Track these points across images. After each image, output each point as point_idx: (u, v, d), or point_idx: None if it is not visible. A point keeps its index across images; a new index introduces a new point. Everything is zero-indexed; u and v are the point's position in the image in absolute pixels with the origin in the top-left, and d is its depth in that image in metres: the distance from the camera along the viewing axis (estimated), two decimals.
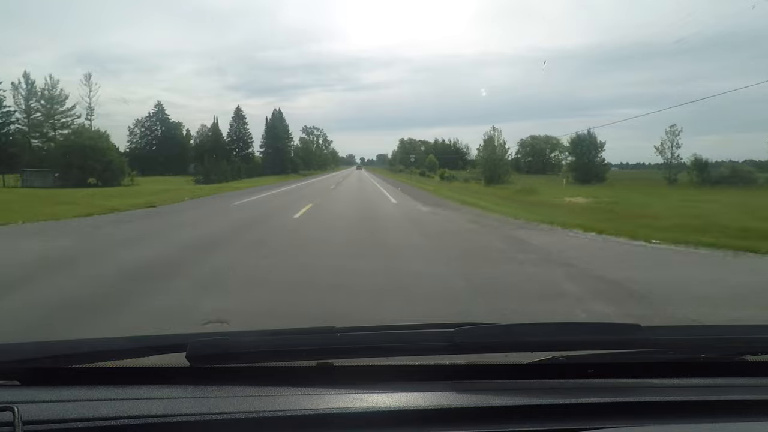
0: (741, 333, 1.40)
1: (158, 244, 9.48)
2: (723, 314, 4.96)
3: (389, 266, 7.36)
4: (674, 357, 1.31)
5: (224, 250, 8.59)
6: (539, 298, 5.65)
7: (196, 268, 6.95)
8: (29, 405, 0.97)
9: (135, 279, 6.26)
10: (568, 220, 13.31)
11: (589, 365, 1.26)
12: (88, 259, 7.74)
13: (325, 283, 6.15)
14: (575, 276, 6.60)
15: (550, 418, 1.06)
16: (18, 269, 6.90)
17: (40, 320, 4.53)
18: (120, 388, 1.08)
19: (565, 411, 1.07)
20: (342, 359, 1.22)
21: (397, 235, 11.17)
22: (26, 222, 12.78)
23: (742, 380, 1.28)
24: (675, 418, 1.07)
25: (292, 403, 1.05)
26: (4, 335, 4.02)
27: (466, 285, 6.15)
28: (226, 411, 0.99)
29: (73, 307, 5.00)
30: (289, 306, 5.17)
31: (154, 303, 5.13)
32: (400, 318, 4.62)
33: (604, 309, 5.04)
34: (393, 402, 1.05)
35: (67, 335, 1.73)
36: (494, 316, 4.31)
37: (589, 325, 1.30)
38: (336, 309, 5.02)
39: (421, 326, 1.27)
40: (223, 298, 5.37)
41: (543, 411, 1.07)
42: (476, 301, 5.46)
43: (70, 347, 1.19)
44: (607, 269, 7.08)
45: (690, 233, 10.48)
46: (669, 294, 5.74)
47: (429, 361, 1.24)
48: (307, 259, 7.97)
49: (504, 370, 1.25)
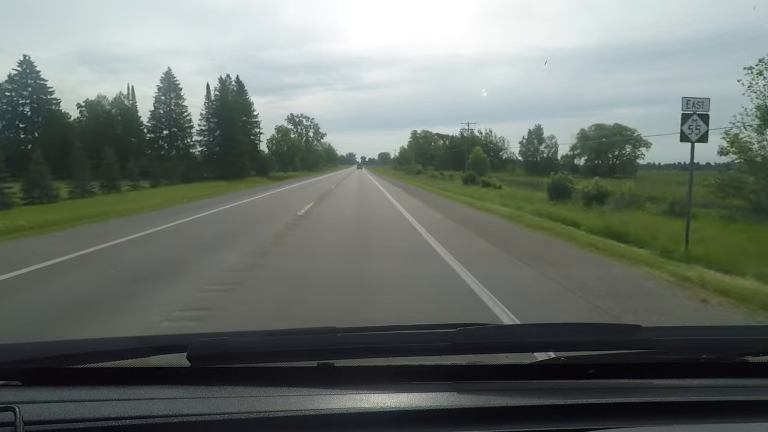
0: (742, 333, 1.42)
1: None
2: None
3: None
4: (675, 357, 1.31)
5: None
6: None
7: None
8: (30, 405, 0.97)
9: None
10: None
11: (590, 366, 1.26)
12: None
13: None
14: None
15: (551, 418, 1.06)
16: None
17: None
18: (121, 388, 1.08)
19: (566, 411, 1.07)
20: (343, 360, 1.21)
21: None
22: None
23: (743, 381, 1.28)
24: (676, 419, 1.07)
25: (293, 403, 1.04)
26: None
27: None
28: (227, 411, 0.99)
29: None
30: None
31: None
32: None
33: None
34: (394, 402, 1.05)
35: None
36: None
37: (590, 326, 1.30)
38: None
39: (422, 327, 1.27)
40: None
41: (544, 411, 1.07)
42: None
43: (71, 347, 1.19)
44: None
45: None
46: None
47: (430, 361, 1.24)
48: None
49: (505, 370, 1.25)
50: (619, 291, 6.26)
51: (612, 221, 12.31)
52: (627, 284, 6.75)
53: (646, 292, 6.32)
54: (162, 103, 54.05)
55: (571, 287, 6.32)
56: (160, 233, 11.44)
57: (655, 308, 5.57)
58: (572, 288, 6.29)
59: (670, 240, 9.44)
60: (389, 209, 18.52)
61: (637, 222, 12.35)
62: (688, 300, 5.95)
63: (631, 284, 6.74)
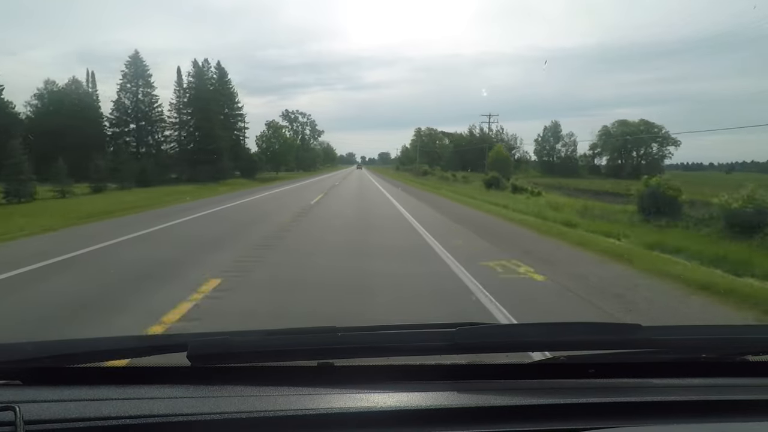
0: (742, 333, 1.42)
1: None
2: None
3: None
4: (675, 357, 1.31)
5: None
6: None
7: None
8: (31, 405, 0.97)
9: None
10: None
11: (590, 365, 1.27)
12: None
13: None
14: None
15: (551, 418, 1.06)
16: None
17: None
18: (121, 387, 1.08)
19: (566, 411, 1.07)
20: (343, 359, 1.22)
21: None
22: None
23: (743, 380, 1.28)
24: (676, 418, 1.08)
25: (294, 402, 1.04)
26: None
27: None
28: (227, 411, 0.99)
29: None
30: None
31: None
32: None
33: None
34: (394, 402, 1.05)
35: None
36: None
37: (590, 325, 1.30)
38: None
39: (422, 326, 1.26)
40: None
41: (544, 411, 1.07)
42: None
43: (71, 347, 1.18)
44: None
45: None
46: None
47: (430, 361, 1.24)
48: None
49: (505, 370, 1.26)
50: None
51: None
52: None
53: None
54: (128, 92, 46.41)
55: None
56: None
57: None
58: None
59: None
60: (411, 242, 10.32)
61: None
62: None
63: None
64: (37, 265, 7.55)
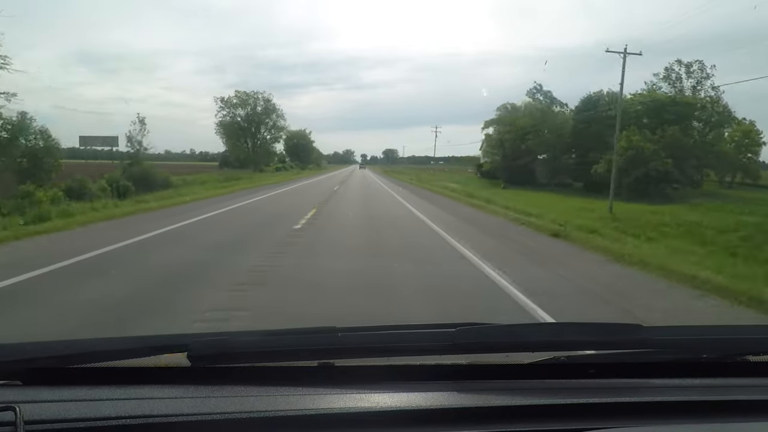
0: (743, 333, 1.41)
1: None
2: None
3: None
4: (676, 357, 1.31)
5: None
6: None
7: None
8: (31, 405, 0.97)
9: None
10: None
11: (591, 365, 1.26)
12: None
13: None
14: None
15: (551, 418, 1.06)
16: None
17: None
18: (121, 388, 1.08)
19: (567, 411, 1.07)
20: (343, 359, 1.21)
21: None
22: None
23: (744, 380, 1.27)
24: (677, 419, 1.07)
25: (294, 403, 1.04)
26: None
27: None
28: (228, 411, 0.99)
29: None
30: None
31: None
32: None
33: None
34: (394, 402, 1.05)
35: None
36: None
37: (591, 326, 1.30)
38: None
39: (422, 326, 1.26)
40: None
41: (544, 411, 1.07)
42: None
43: (71, 347, 1.18)
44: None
45: None
46: None
47: (430, 361, 1.24)
48: None
49: (505, 370, 1.25)
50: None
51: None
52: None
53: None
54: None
55: None
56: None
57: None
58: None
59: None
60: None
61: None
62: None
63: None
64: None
